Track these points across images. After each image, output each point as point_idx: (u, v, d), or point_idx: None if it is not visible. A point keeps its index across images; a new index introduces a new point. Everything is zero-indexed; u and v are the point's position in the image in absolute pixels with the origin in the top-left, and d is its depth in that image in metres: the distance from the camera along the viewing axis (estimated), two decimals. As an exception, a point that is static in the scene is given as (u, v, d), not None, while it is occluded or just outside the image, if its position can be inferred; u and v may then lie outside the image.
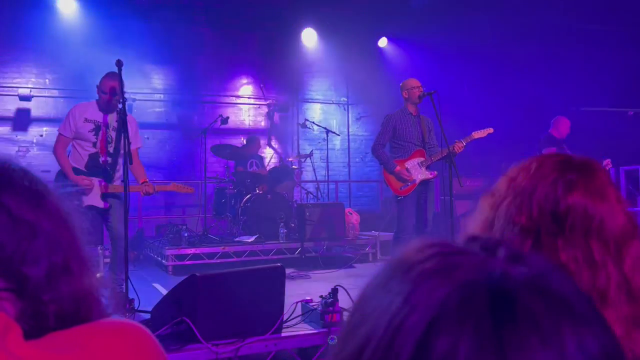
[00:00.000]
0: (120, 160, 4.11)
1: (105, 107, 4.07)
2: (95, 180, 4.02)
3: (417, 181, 4.76)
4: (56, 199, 0.64)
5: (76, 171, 4.02)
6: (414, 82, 4.90)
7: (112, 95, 4.00)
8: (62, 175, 4.10)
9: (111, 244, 4.19)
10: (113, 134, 4.09)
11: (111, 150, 4.09)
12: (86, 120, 4.03)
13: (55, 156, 4.11)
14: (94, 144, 4.05)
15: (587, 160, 0.90)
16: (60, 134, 4.08)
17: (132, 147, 4.10)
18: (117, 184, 4.08)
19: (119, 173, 4.13)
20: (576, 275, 0.79)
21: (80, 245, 0.64)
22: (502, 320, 0.33)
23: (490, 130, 4.82)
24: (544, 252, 0.81)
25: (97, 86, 4.05)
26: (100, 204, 4.02)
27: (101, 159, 4.06)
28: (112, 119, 4.10)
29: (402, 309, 0.35)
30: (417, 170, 4.77)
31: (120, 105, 3.71)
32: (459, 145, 4.62)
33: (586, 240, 0.81)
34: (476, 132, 4.80)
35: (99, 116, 4.07)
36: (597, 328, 0.35)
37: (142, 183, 4.09)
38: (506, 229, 0.84)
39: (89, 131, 4.03)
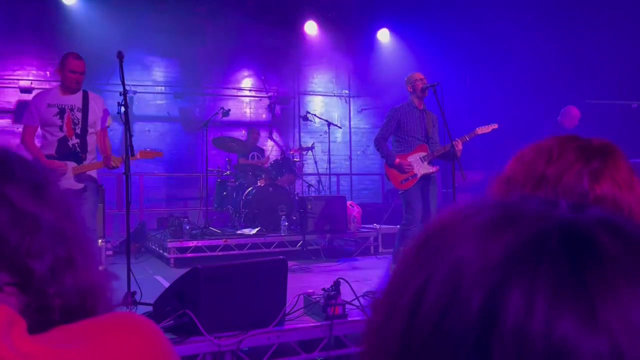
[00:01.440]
0: (90, 140, 4.13)
1: (72, 87, 4.05)
2: (68, 163, 4.02)
3: (419, 175, 4.74)
4: (57, 189, 0.63)
5: (48, 157, 4.03)
6: (417, 75, 4.88)
7: (81, 74, 4.03)
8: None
9: None
10: (79, 114, 4.07)
11: (78, 131, 4.07)
12: (49, 105, 4.02)
13: (24, 147, 4.10)
14: (61, 128, 4.03)
15: (607, 144, 0.88)
16: (25, 125, 4.12)
17: (100, 127, 4.19)
18: (86, 164, 4.08)
19: (92, 155, 4.14)
20: None
21: (83, 236, 0.63)
22: (581, 260, 0.30)
23: (495, 126, 4.79)
24: None
25: (61, 68, 4.03)
26: (75, 185, 4.01)
27: (70, 142, 4.05)
28: (76, 100, 4.09)
29: (464, 254, 0.32)
30: (418, 165, 4.76)
31: (121, 99, 3.70)
32: (459, 146, 4.58)
33: None
34: (480, 127, 4.78)
35: (61, 100, 4.06)
36: None
37: (105, 157, 4.08)
38: None
39: (53, 116, 4.02)
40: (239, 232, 6.32)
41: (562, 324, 0.28)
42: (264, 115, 9.15)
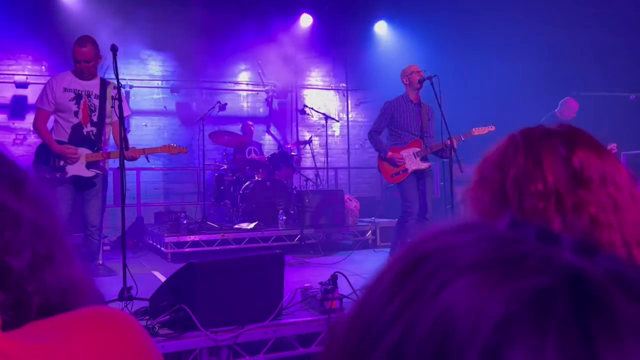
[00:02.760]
0: (106, 130, 3.99)
1: (81, 75, 3.91)
2: (80, 149, 3.88)
3: (410, 170, 4.74)
4: (36, 185, 0.61)
5: (59, 143, 3.90)
6: (413, 68, 4.86)
7: (86, 62, 3.86)
8: (44, 149, 3.94)
9: (83, 231, 4.05)
10: (95, 101, 3.92)
11: (95, 119, 3.92)
12: (65, 89, 3.87)
13: (36, 131, 3.97)
14: (76, 114, 3.88)
15: (566, 125, 0.92)
16: (39, 107, 3.92)
17: (112, 119, 4.02)
18: (100, 152, 3.94)
19: (106, 145, 4.02)
20: (605, 224, 0.80)
21: (62, 233, 0.61)
22: (594, 327, 0.25)
23: (492, 128, 4.79)
24: (570, 210, 0.81)
25: (72, 54, 3.91)
26: (86, 173, 3.88)
27: (85, 130, 3.90)
28: (93, 86, 3.94)
29: (454, 304, 0.26)
30: (411, 160, 4.75)
31: (115, 89, 3.62)
32: (454, 145, 4.57)
33: (605, 189, 0.83)
34: (476, 128, 4.78)
35: (78, 85, 3.91)
36: None
37: (114, 153, 3.93)
38: (522, 201, 0.84)
39: (69, 100, 3.86)
40: (236, 226, 6.31)
41: None
42: (261, 109, 9.12)
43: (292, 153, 7.30)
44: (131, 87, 8.00)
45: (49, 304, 0.56)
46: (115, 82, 3.53)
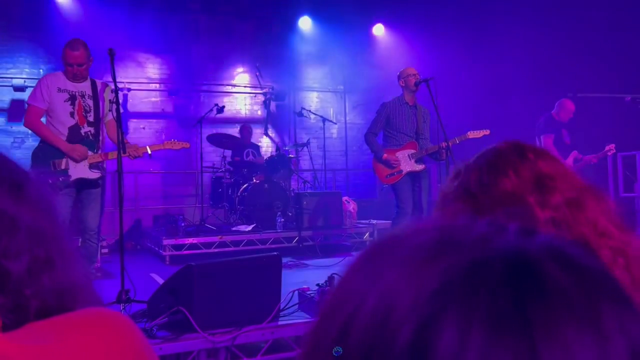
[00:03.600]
0: (103, 129, 3.95)
1: (73, 78, 3.85)
2: (87, 150, 3.82)
3: (404, 172, 4.77)
4: (37, 188, 0.62)
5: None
6: (410, 70, 4.89)
7: (78, 66, 3.80)
8: (41, 151, 3.82)
9: (81, 235, 3.98)
10: (90, 102, 3.86)
11: (91, 119, 3.85)
12: (59, 89, 3.80)
13: (32, 129, 3.84)
14: (72, 114, 3.79)
15: (513, 142, 0.96)
16: (30, 104, 3.79)
17: (108, 119, 3.99)
18: (101, 153, 3.89)
19: (103, 145, 3.97)
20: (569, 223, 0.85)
21: (62, 236, 0.63)
22: (525, 292, 0.26)
23: (487, 132, 4.82)
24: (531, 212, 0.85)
25: (62, 57, 3.84)
26: (90, 175, 3.82)
27: (83, 131, 3.83)
28: (85, 87, 3.89)
29: (395, 282, 0.29)
30: (406, 161, 4.78)
31: (112, 94, 3.61)
32: (452, 142, 4.60)
33: (562, 195, 0.87)
34: (472, 132, 4.81)
35: (71, 86, 3.85)
36: (636, 311, 0.29)
37: (112, 153, 3.86)
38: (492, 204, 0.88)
39: (64, 101, 3.78)
40: (234, 228, 6.33)
41: None
42: (259, 112, 9.14)
43: (290, 155, 7.31)
44: (129, 90, 8.02)
45: (47, 307, 0.57)
46: (113, 87, 3.53)
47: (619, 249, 0.84)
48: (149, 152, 3.88)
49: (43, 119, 3.89)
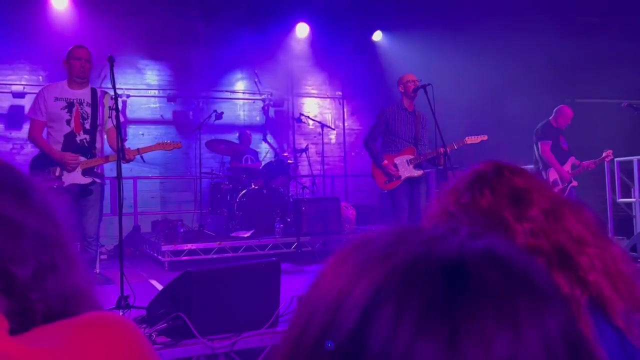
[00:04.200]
0: (99, 137, 4.02)
1: (79, 77, 3.96)
2: (80, 157, 3.91)
3: (402, 178, 4.78)
4: (41, 195, 0.64)
5: None
6: (409, 77, 4.93)
7: (86, 61, 3.95)
8: (39, 160, 3.95)
9: (80, 241, 4.05)
10: (88, 110, 3.95)
11: (87, 126, 3.94)
12: (57, 98, 3.91)
13: (33, 142, 3.99)
14: (68, 122, 3.91)
15: (490, 162, 1.03)
16: (32, 118, 3.97)
17: (108, 127, 4.07)
18: (95, 159, 3.97)
19: (100, 153, 4.04)
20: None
21: (66, 241, 0.64)
22: (453, 288, 0.30)
23: (484, 137, 4.84)
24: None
25: (66, 60, 3.98)
26: (82, 180, 3.91)
27: (78, 138, 3.92)
28: (85, 95, 3.98)
29: (349, 282, 0.33)
30: (404, 167, 4.80)
31: (112, 101, 3.64)
32: (450, 148, 4.62)
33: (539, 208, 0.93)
34: (469, 137, 4.83)
35: (70, 94, 3.95)
36: (556, 307, 0.32)
37: (111, 157, 3.96)
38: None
39: (61, 109, 3.90)
40: (233, 234, 6.33)
41: (423, 349, 0.28)
42: (257, 118, 9.16)
43: (289, 161, 7.33)
44: (128, 96, 8.04)
45: (52, 311, 0.59)
46: (112, 92, 3.56)
47: (596, 254, 0.89)
48: (140, 154, 3.93)
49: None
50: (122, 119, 4.23)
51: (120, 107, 3.61)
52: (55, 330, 0.55)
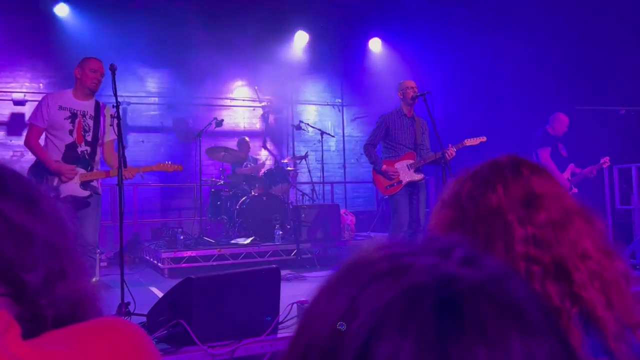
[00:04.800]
0: (99, 150, 4.03)
1: (91, 89, 3.97)
2: (77, 168, 3.90)
3: (404, 182, 4.80)
4: (49, 203, 0.65)
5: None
6: (409, 83, 4.95)
7: (101, 74, 3.96)
8: (37, 167, 3.90)
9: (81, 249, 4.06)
10: (90, 122, 3.96)
11: (89, 138, 3.95)
12: (61, 107, 3.89)
13: (29, 148, 3.92)
14: (71, 132, 3.90)
15: (511, 156, 0.99)
16: (32, 124, 3.92)
17: (109, 139, 4.08)
18: (96, 171, 3.97)
19: (98, 166, 4.04)
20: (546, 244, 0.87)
21: (74, 248, 0.66)
22: (447, 327, 0.31)
23: (483, 139, 4.86)
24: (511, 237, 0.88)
25: (80, 69, 3.96)
26: (81, 193, 3.88)
27: (79, 149, 3.92)
28: (88, 107, 3.99)
29: (346, 313, 0.34)
30: (404, 172, 4.82)
31: (113, 110, 3.66)
32: (451, 152, 4.64)
33: (544, 214, 0.89)
34: (469, 139, 4.85)
35: (74, 104, 3.95)
36: (547, 336, 0.33)
37: (115, 168, 3.91)
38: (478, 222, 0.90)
39: (64, 119, 3.88)
40: (233, 241, 6.33)
41: None
42: (257, 125, 9.19)
43: (289, 168, 7.35)
44: (128, 103, 8.06)
45: (61, 316, 0.60)
46: (114, 101, 3.57)
47: (597, 272, 0.86)
48: (140, 172, 3.95)
49: (43, 134, 3.99)
50: (114, 135, 4.19)
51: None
52: (65, 335, 0.57)
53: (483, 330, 0.32)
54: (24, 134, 7.68)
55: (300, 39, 9.16)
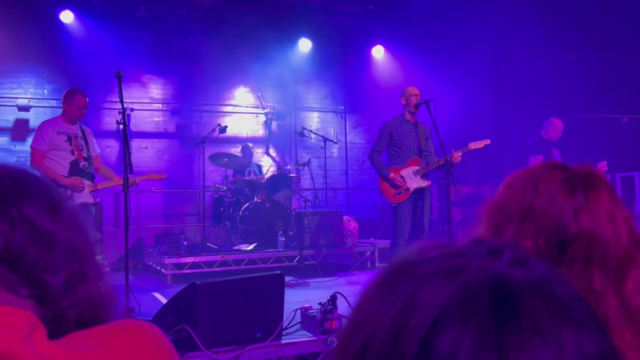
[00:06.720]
0: (92, 164, 4.76)
1: (74, 120, 4.65)
2: (84, 180, 4.57)
3: (411, 189, 4.79)
4: (70, 207, 0.67)
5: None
6: (413, 90, 4.95)
7: (85, 110, 4.69)
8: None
9: None
10: (82, 142, 4.69)
11: (85, 155, 4.68)
12: (59, 132, 4.56)
13: (36, 169, 4.22)
14: (72, 152, 4.58)
15: (591, 175, 0.91)
16: (35, 148, 4.55)
17: (95, 154, 4.82)
18: (102, 182, 4.74)
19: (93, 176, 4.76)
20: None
21: (93, 252, 0.68)
22: (504, 321, 0.34)
23: (487, 141, 4.86)
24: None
25: (68, 103, 4.59)
26: (91, 199, 4.60)
27: (81, 164, 4.63)
28: (76, 130, 4.69)
29: (406, 308, 0.36)
30: (411, 179, 4.82)
31: (119, 117, 3.87)
32: (457, 155, 4.64)
33: (587, 269, 0.83)
34: (473, 143, 4.85)
35: (67, 128, 4.62)
36: (595, 331, 0.36)
37: (118, 179, 4.63)
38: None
39: (64, 142, 4.57)
40: (235, 247, 6.34)
41: None
42: (260, 131, 9.22)
43: (291, 174, 7.37)
44: (132, 109, 8.10)
45: (83, 317, 0.62)
46: (119, 107, 3.87)
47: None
48: (136, 183, 4.54)
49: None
50: (99, 150, 4.98)
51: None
52: (88, 336, 0.59)
53: (537, 325, 0.34)
54: (28, 139, 7.74)
55: (304, 46, 9.21)
